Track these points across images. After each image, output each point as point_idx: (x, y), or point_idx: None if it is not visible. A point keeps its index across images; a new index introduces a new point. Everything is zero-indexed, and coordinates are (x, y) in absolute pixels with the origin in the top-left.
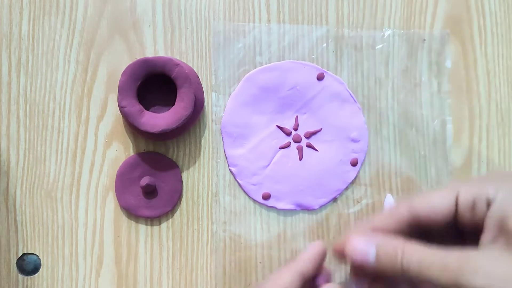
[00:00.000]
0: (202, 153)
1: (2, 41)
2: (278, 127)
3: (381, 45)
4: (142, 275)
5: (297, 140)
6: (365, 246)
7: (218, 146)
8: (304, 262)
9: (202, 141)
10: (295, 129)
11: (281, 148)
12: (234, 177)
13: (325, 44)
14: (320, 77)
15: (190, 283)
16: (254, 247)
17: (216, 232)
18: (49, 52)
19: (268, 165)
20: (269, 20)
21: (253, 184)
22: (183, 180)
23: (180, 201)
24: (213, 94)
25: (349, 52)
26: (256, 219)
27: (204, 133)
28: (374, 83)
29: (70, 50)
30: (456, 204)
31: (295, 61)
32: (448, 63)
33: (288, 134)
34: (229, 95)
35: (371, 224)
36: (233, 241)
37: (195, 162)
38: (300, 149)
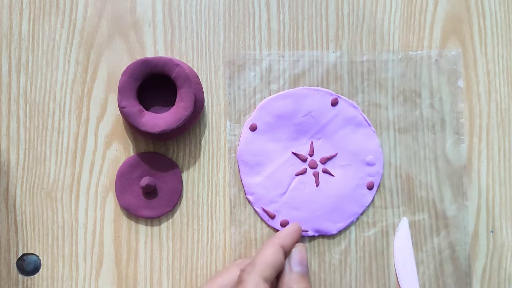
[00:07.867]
0: (202, 153)
1: (2, 41)
2: (294, 153)
3: (393, 67)
4: (142, 275)
5: (313, 166)
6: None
7: (235, 175)
8: (284, 237)
9: (202, 141)
10: (311, 155)
11: (297, 174)
12: (252, 205)
13: (338, 69)
14: (334, 103)
15: (190, 283)
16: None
17: (235, 260)
18: (49, 52)
19: (285, 192)
20: (269, 20)
21: (271, 212)
22: (183, 180)
23: (180, 201)
24: (228, 123)
25: (361, 76)
26: None
27: (204, 133)
28: (386, 105)
29: (70, 50)
30: None
31: (309, 87)
32: (461, 83)
33: (304, 160)
34: (244, 123)
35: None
36: None
37: (195, 162)
38: (316, 175)
